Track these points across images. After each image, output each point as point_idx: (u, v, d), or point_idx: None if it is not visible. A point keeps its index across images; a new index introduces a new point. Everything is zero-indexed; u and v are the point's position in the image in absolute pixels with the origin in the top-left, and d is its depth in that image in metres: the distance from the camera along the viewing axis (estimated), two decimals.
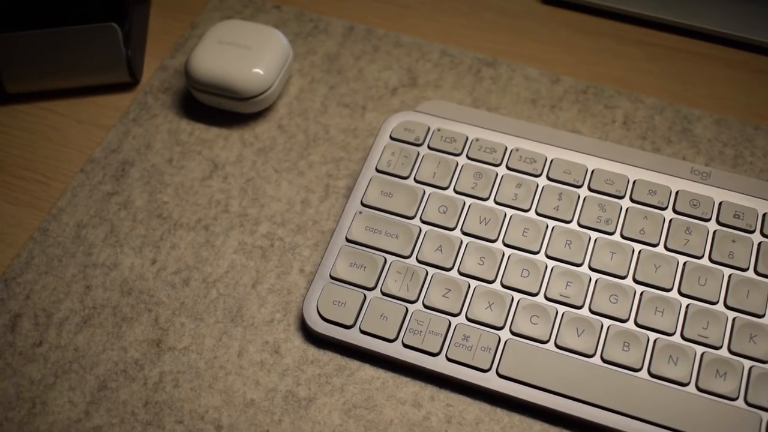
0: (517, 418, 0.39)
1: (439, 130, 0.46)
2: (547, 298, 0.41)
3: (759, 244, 0.42)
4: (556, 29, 0.53)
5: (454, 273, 0.41)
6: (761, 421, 0.38)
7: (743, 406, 0.38)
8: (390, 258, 0.42)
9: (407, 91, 0.50)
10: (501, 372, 0.39)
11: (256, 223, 0.45)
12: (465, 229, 0.42)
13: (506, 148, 0.45)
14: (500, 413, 0.39)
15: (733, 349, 0.39)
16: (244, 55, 0.47)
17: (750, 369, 0.39)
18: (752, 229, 0.42)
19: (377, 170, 0.45)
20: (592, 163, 0.44)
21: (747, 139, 0.47)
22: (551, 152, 0.45)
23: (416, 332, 0.40)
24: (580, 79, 0.50)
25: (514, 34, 0.53)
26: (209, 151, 0.48)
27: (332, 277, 0.42)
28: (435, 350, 0.40)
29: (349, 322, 0.41)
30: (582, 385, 0.38)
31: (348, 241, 0.43)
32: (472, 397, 0.40)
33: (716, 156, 0.47)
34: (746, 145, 0.47)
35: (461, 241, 0.42)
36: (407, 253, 0.42)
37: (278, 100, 0.50)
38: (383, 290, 0.41)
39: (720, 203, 0.43)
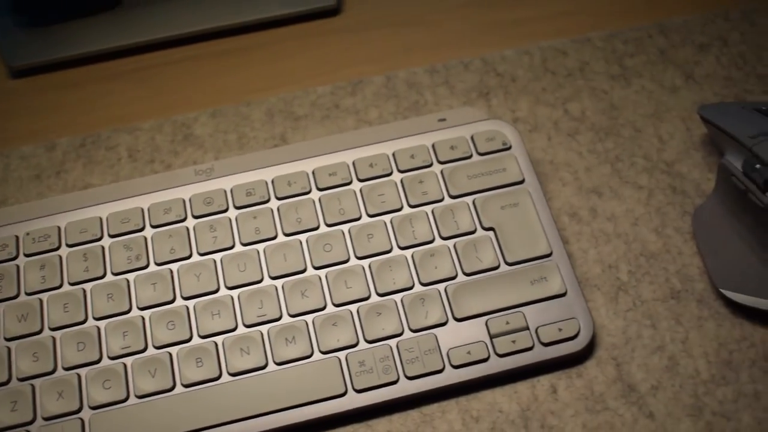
0: None
1: None
2: (110, 358, 0.40)
3: (278, 208, 0.43)
4: (40, 96, 0.52)
5: (14, 383, 0.40)
6: (340, 361, 0.39)
7: (321, 357, 0.40)
8: None
9: None
10: None
11: None
12: (7, 335, 0.41)
13: (17, 237, 0.43)
14: None
15: (291, 312, 0.41)
16: None
17: (313, 322, 0.40)
18: (266, 199, 0.44)
19: None
20: (104, 211, 0.44)
21: (243, 118, 0.49)
22: (61, 220, 0.44)
23: None
24: (75, 136, 0.49)
25: None
26: None
27: None
28: None
29: None
30: (176, 419, 0.38)
31: None
32: None
33: (222, 146, 0.48)
34: (245, 124, 0.49)
35: (8, 348, 0.40)
36: None
37: None
38: None
39: (231, 189, 0.44)
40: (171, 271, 0.42)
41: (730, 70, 0.50)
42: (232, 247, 0.43)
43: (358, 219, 0.43)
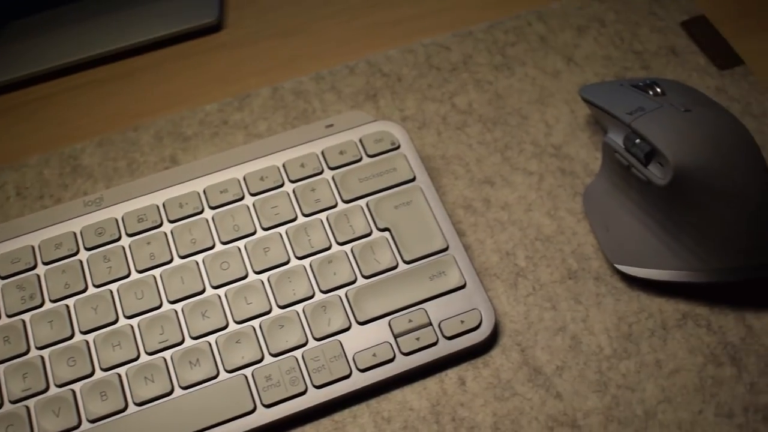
0: None
1: None
2: (11, 402, 0.39)
3: (171, 231, 0.43)
4: None
5: None
6: (246, 378, 0.39)
7: (227, 376, 0.39)
8: None
9: None
10: None
11: None
12: None
13: None
14: None
15: (193, 334, 0.40)
16: None
17: (216, 342, 0.40)
18: (159, 223, 0.43)
19: None
20: None
21: (131, 144, 0.49)
22: None
23: None
24: None
25: None
26: None
27: None
28: None
29: None
30: None
31: None
32: None
33: (112, 174, 0.47)
34: (133, 149, 0.48)
35: None
36: None
37: None
38: None
39: (122, 217, 0.43)
40: (67, 307, 0.41)
41: (608, 50, 0.51)
42: (127, 276, 0.42)
43: (253, 234, 0.43)
